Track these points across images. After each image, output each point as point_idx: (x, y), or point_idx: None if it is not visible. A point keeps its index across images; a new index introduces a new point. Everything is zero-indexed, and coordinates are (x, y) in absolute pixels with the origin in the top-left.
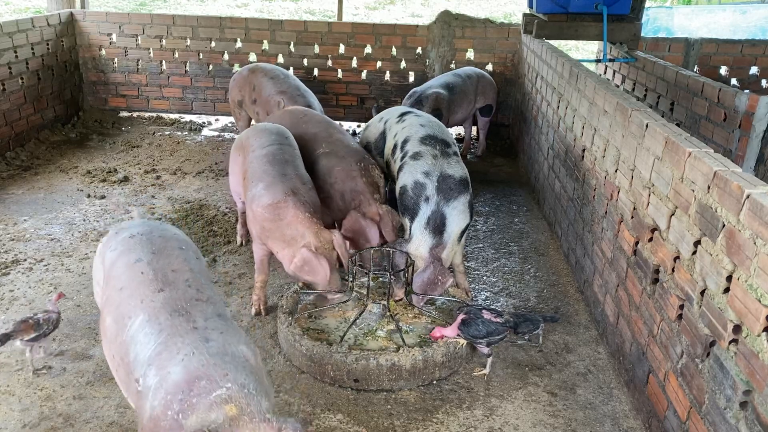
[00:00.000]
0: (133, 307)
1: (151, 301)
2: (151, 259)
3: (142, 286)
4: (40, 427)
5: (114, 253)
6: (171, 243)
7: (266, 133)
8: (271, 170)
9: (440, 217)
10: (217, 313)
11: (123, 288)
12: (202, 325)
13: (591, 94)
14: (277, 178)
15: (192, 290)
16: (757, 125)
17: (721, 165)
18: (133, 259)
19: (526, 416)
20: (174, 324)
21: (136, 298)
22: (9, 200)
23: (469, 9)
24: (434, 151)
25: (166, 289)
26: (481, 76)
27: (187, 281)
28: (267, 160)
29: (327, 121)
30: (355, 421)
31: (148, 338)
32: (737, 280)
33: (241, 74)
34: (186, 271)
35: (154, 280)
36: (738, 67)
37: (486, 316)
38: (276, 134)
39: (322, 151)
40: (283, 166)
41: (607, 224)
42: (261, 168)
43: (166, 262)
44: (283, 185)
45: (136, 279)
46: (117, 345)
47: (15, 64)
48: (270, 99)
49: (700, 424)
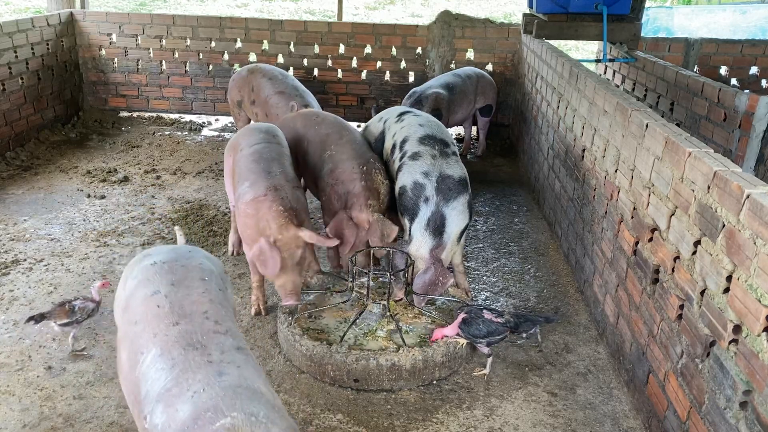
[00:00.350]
0: (146, 341)
1: (165, 335)
2: (169, 291)
3: (157, 320)
4: (40, 427)
5: (133, 282)
6: (193, 273)
7: (255, 132)
8: (256, 168)
9: (440, 218)
10: (236, 346)
11: (137, 322)
12: (218, 359)
13: (591, 94)
14: (261, 175)
15: (210, 322)
16: (757, 125)
17: (721, 165)
18: (150, 291)
19: (526, 416)
20: (187, 358)
21: (149, 332)
22: (9, 200)
23: (469, 9)
24: (433, 151)
25: (182, 322)
26: (481, 76)
27: (206, 313)
28: (253, 159)
29: (340, 124)
30: (355, 421)
31: (159, 374)
32: (737, 280)
33: (240, 75)
34: (205, 303)
35: (170, 313)
36: (738, 67)
37: (486, 315)
38: (264, 133)
39: (329, 153)
40: (268, 164)
41: (607, 224)
42: (247, 166)
43: (185, 294)
44: (266, 182)
45: (151, 312)
46: (130, 382)
47: (15, 64)
48: (268, 99)
49: (700, 424)
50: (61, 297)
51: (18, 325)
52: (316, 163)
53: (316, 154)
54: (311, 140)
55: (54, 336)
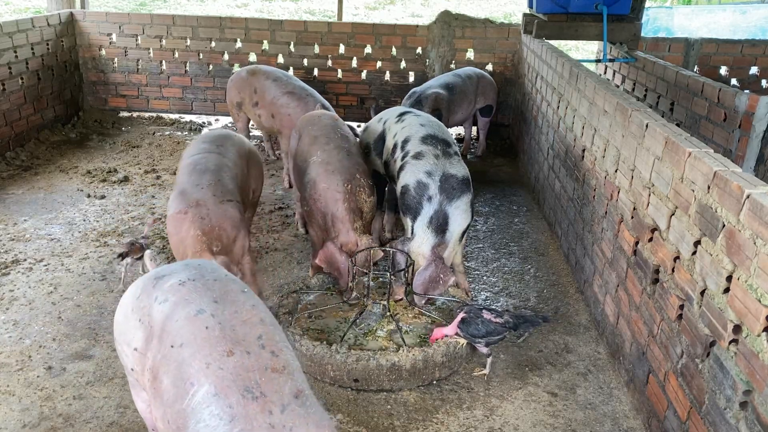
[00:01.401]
0: (198, 371)
1: (219, 369)
2: (215, 310)
3: (208, 345)
4: (40, 427)
5: (166, 306)
6: (231, 286)
7: (198, 142)
8: (186, 180)
9: (443, 217)
10: (295, 391)
11: (184, 345)
12: (279, 422)
13: (591, 94)
14: (188, 187)
15: (266, 353)
16: (757, 125)
17: (721, 165)
18: (193, 310)
19: (526, 416)
20: (248, 414)
21: (200, 360)
22: (9, 200)
23: (469, 9)
24: (436, 150)
25: (237, 350)
26: (481, 77)
27: (260, 338)
28: (187, 171)
29: (331, 126)
30: (355, 421)
31: (214, 420)
32: (737, 280)
33: (240, 76)
34: (257, 324)
35: (221, 338)
36: (738, 67)
37: (486, 316)
38: (208, 142)
39: (314, 158)
40: (200, 176)
41: (607, 224)
42: (179, 178)
43: (233, 312)
44: (189, 196)
45: (200, 335)
46: (175, 412)
47: (15, 64)
48: (276, 101)
49: (700, 424)
50: (127, 238)
51: (18, 325)
52: (302, 167)
53: (302, 156)
54: (302, 140)
55: (53, 336)
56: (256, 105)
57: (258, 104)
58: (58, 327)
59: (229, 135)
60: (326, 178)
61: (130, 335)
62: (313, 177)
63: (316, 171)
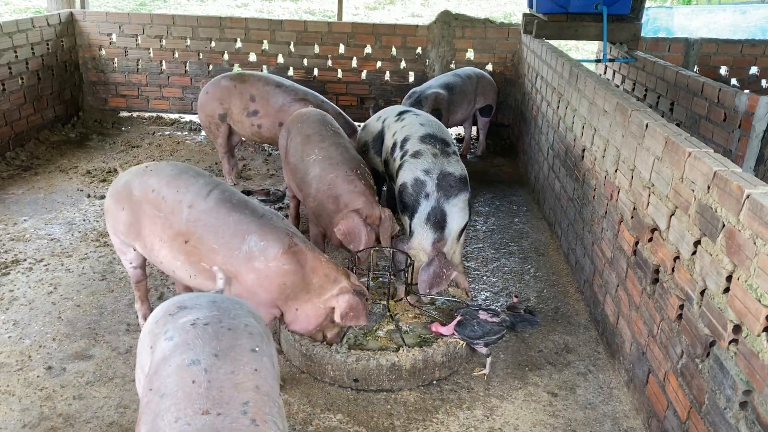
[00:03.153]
0: (167, 424)
1: (186, 425)
2: (211, 365)
3: (186, 401)
4: (40, 427)
5: (169, 345)
6: (242, 341)
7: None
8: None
9: (440, 213)
10: None
11: (165, 395)
12: None
13: (591, 94)
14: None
15: (245, 420)
16: (757, 125)
17: (721, 165)
18: (188, 359)
19: (526, 416)
20: None
21: (172, 414)
22: (9, 200)
23: (469, 9)
24: (434, 149)
25: (213, 411)
26: (480, 77)
27: (245, 405)
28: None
29: (323, 124)
30: (355, 421)
31: None
32: (737, 280)
33: (222, 85)
34: (249, 390)
35: (203, 396)
36: (738, 67)
37: (482, 316)
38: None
39: (314, 157)
40: None
41: (607, 224)
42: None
43: (229, 372)
44: None
45: (184, 388)
46: None
47: (15, 64)
48: (287, 108)
49: (700, 424)
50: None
51: (18, 325)
52: (298, 166)
53: (297, 155)
54: (293, 138)
55: (53, 337)
56: (255, 114)
57: (258, 113)
58: (58, 327)
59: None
60: (333, 168)
61: (144, 359)
62: (318, 172)
63: (321, 166)
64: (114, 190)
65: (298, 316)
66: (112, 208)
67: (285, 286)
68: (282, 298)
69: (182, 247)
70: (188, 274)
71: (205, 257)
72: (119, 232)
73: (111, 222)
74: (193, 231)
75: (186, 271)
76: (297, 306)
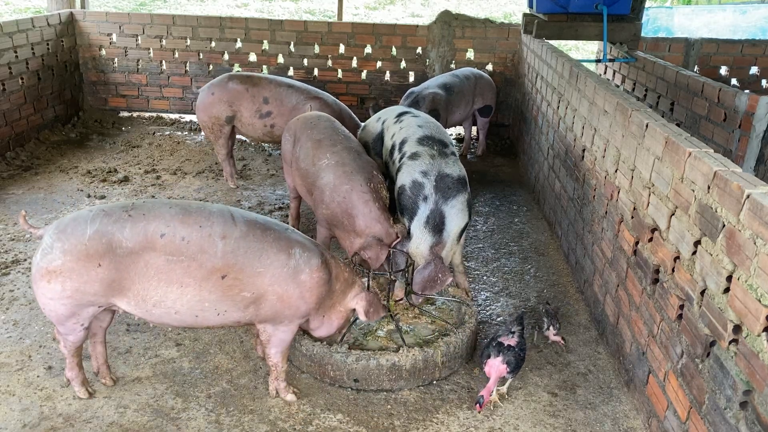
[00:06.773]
0: None
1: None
2: None
3: None
4: (40, 427)
5: None
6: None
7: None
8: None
9: (439, 216)
10: None
11: None
12: None
13: (591, 94)
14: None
15: None
16: (757, 125)
17: (721, 165)
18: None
19: (526, 416)
20: None
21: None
22: (9, 200)
23: (469, 9)
24: (432, 151)
25: None
26: (479, 77)
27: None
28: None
29: (333, 128)
30: (355, 421)
31: None
32: (737, 280)
33: (231, 87)
34: None
35: None
36: (738, 67)
37: (506, 342)
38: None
39: (326, 162)
40: None
41: (607, 224)
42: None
43: None
44: None
45: None
46: None
47: (15, 64)
48: (301, 107)
49: (700, 424)
50: None
51: (18, 325)
52: (309, 170)
53: (308, 159)
54: (303, 144)
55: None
56: (268, 115)
57: (271, 114)
58: None
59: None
60: (347, 179)
61: None
62: (330, 180)
63: (334, 173)
64: (74, 246)
65: (323, 322)
66: (77, 267)
67: (322, 296)
68: (316, 308)
69: (218, 284)
70: (217, 312)
71: (248, 285)
72: (87, 293)
73: (71, 285)
74: (232, 263)
75: (215, 310)
76: (324, 313)
